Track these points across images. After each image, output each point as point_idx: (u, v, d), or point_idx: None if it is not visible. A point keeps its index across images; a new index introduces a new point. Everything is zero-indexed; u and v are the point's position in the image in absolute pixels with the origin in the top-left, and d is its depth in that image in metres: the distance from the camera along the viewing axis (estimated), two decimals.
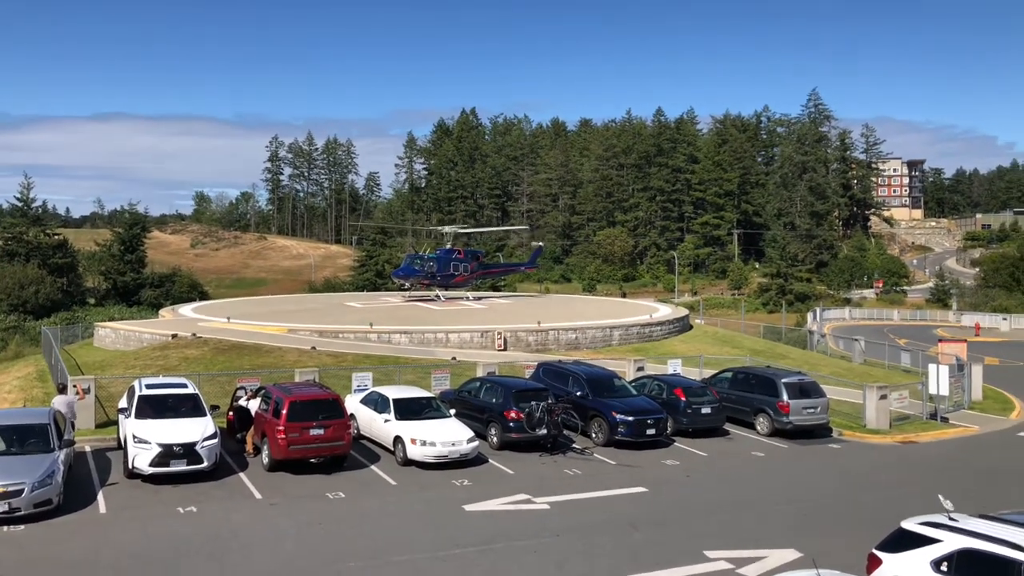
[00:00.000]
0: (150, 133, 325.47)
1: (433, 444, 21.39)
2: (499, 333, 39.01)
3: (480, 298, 62.51)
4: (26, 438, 18.32)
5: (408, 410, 22.78)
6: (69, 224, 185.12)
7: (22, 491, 16.37)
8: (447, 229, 62.01)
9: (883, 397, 29.01)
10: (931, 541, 11.84)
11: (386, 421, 22.75)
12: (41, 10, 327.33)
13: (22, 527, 16.15)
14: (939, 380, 30.26)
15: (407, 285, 58.68)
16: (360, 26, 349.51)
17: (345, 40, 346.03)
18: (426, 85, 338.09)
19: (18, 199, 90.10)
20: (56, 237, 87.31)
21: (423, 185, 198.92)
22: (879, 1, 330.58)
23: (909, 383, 33.66)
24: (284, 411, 20.30)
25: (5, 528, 16.09)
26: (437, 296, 58.29)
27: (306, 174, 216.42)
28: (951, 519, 12.14)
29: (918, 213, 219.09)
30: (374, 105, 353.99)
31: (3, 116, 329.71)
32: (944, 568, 11.46)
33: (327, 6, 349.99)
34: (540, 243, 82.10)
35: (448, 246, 59.19)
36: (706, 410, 26.50)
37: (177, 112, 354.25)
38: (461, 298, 60.36)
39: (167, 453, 19.15)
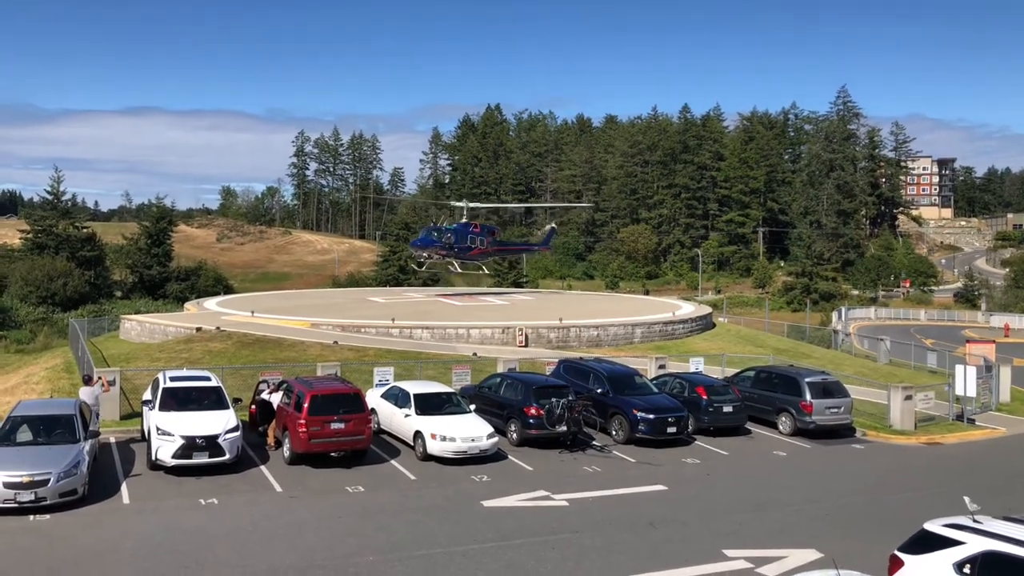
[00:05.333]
0: (179, 127, 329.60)
1: (453, 439, 21.43)
2: (520, 329, 38.98)
3: (496, 294, 62.54)
4: (53, 429, 18.61)
5: (428, 405, 22.83)
6: (97, 217, 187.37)
7: (48, 481, 16.61)
8: (462, 204, 61.28)
9: (908, 398, 28.66)
10: (954, 543, 11.67)
11: (406, 416, 22.82)
12: (74, 5, 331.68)
13: (48, 516, 16.40)
14: (966, 381, 29.86)
15: (424, 256, 58.23)
16: (387, 22, 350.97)
17: (373, 36, 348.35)
18: (453, 80, 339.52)
19: (48, 192, 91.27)
20: (85, 230, 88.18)
21: (447, 181, 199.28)
22: None
23: (935, 384, 33.23)
24: (305, 405, 20.43)
25: (32, 517, 16.33)
26: (452, 267, 58.20)
27: (331, 169, 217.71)
28: (975, 521, 11.97)
29: (948, 212, 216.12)
30: (401, 100, 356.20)
31: (35, 110, 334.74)
32: (967, 570, 11.29)
33: (356, 3, 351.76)
34: (553, 224, 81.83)
35: (464, 220, 58.71)
36: (728, 409, 26.32)
37: (207, 107, 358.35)
38: (483, 294, 60.41)
39: (190, 445, 19.35)
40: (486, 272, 63.88)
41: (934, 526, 12.23)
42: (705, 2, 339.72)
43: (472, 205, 62.03)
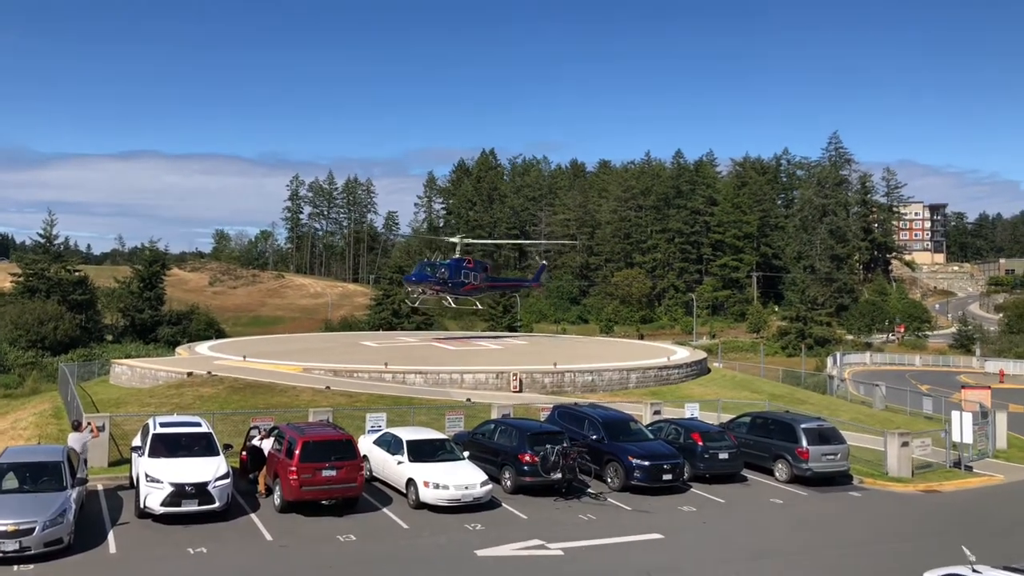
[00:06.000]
0: (174, 171, 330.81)
1: (446, 487, 21.15)
2: (514, 374, 38.81)
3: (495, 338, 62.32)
4: (39, 476, 18.31)
5: (421, 452, 22.58)
6: (90, 261, 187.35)
7: (33, 530, 16.31)
8: (456, 239, 61.27)
9: (905, 444, 28.45)
10: None
11: (399, 463, 22.56)
12: (70, 49, 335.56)
13: (32, 566, 16.05)
14: (963, 427, 29.68)
15: (419, 291, 57.91)
16: (382, 67, 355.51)
17: (368, 80, 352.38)
18: (448, 125, 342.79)
19: (40, 236, 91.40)
20: (76, 274, 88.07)
21: (442, 224, 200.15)
22: (901, 46, 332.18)
23: (932, 430, 33.06)
24: (297, 451, 20.19)
25: (15, 567, 15.98)
26: (446, 301, 58.06)
27: (325, 213, 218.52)
28: (974, 571, 11.82)
29: (940, 257, 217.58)
30: (396, 145, 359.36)
31: (30, 153, 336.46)
32: None
33: (351, 47, 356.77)
34: (544, 262, 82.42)
35: (457, 255, 58.59)
36: (724, 455, 26.09)
37: (202, 150, 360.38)
38: (477, 338, 60.23)
39: (179, 493, 19.05)
40: (479, 307, 63.68)
41: None
42: (698, 49, 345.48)
43: (466, 241, 61.98)
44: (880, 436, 30.35)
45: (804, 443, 26.34)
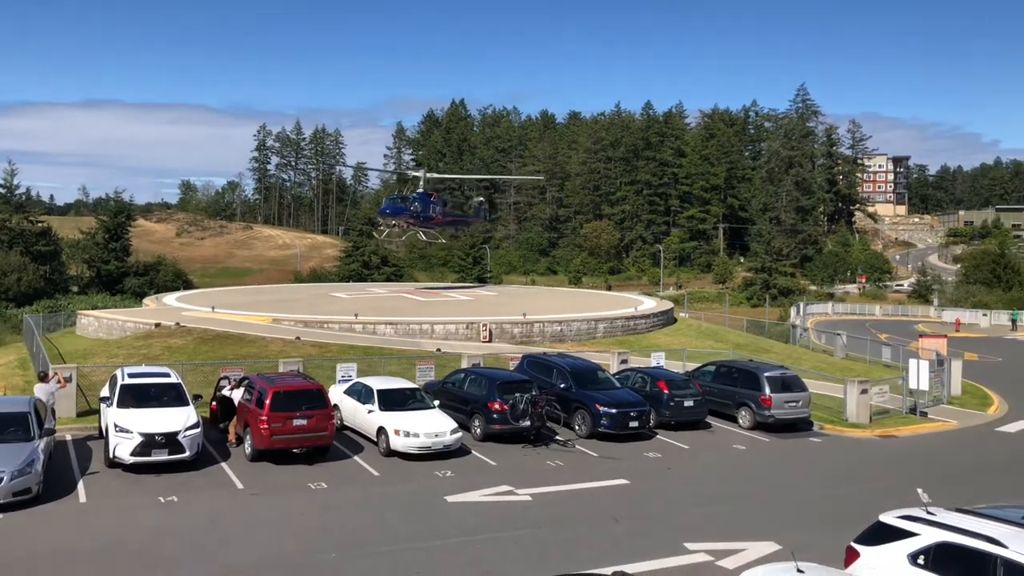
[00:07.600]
0: (141, 121, 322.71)
1: (416, 435, 21.40)
2: (484, 325, 39.00)
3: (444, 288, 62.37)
4: (6, 427, 18.20)
5: (392, 401, 22.77)
6: (53, 211, 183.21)
7: (1, 480, 16.30)
8: (421, 173, 60.58)
9: (864, 391, 29.22)
10: (908, 534, 11.94)
11: (370, 412, 22.74)
12: None
13: (1, 516, 16.07)
14: (919, 375, 30.51)
15: (392, 225, 57.39)
16: (351, 15, 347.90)
17: (338, 29, 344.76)
18: (417, 75, 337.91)
19: (1, 186, 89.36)
20: (40, 224, 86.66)
21: (411, 176, 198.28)
22: None
23: (890, 378, 33.93)
24: (267, 401, 20.26)
25: None
26: (419, 235, 58.50)
27: (293, 163, 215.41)
28: (929, 513, 12.25)
29: (902, 209, 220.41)
30: (365, 95, 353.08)
31: None
32: (921, 561, 11.56)
33: None
34: (481, 198, 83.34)
35: (421, 190, 58.25)
36: (689, 403, 26.62)
37: (168, 100, 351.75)
38: (447, 289, 60.25)
39: (149, 442, 19.08)
40: (443, 241, 63.60)
41: (889, 518, 12.50)
42: (668, 1, 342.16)
43: (430, 175, 61.46)
44: (840, 384, 31.11)
45: (767, 391, 26.94)
